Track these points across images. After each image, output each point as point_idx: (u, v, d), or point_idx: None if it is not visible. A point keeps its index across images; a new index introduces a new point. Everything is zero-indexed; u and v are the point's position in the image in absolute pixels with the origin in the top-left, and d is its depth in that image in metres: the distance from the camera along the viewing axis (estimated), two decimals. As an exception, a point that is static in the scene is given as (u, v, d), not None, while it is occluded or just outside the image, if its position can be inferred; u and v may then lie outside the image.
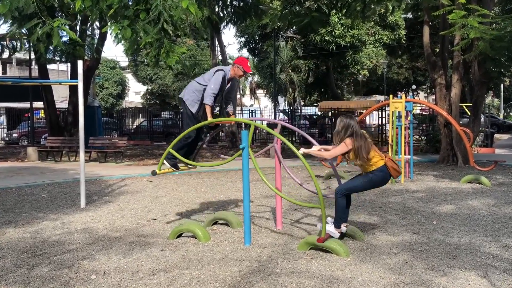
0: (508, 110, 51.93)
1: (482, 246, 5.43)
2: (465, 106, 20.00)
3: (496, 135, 26.68)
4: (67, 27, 10.44)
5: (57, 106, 21.09)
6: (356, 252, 5.22)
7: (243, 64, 6.50)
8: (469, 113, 16.58)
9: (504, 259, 4.95)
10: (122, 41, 10.30)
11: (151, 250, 5.48)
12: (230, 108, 6.88)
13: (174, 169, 6.49)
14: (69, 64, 24.25)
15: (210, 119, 6.16)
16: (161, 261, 5.04)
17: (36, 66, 19.91)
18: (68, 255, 5.34)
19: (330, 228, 5.40)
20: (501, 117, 44.60)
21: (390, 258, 5.02)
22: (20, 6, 9.66)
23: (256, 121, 7.11)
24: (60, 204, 8.69)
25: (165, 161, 6.35)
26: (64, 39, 13.73)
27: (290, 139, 25.82)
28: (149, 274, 4.62)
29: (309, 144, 5.95)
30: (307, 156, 5.43)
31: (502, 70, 14.75)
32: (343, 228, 5.49)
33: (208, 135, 6.41)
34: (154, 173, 6.23)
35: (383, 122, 22.97)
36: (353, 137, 5.30)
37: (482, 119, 19.97)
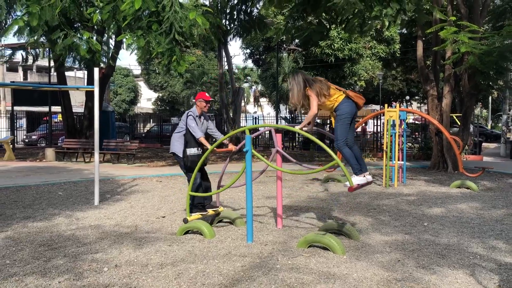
0: (496, 121, 51.79)
1: (470, 246, 5.42)
2: (455, 116, 19.97)
3: (484, 144, 26.62)
4: (94, 39, 10.51)
5: (73, 111, 21.17)
6: (351, 251, 5.21)
7: (202, 96, 6.57)
8: (459, 123, 16.56)
9: (490, 259, 4.93)
10: (136, 51, 10.35)
11: (160, 245, 5.48)
12: (218, 135, 6.69)
13: (202, 213, 6.42)
14: (85, 72, 24.34)
15: (209, 146, 6.14)
16: (169, 255, 5.05)
17: (55, 73, 19.98)
18: (82, 248, 5.35)
19: (355, 178, 5.26)
20: (489, 127, 44.53)
21: (383, 256, 5.01)
22: (48, 19, 9.73)
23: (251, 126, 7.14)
24: (75, 201, 8.71)
25: (192, 214, 6.26)
26: (81, 44, 13.81)
27: (291, 145, 25.81)
28: (158, 268, 4.63)
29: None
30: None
31: (490, 83, 14.71)
32: (368, 176, 5.38)
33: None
34: (185, 221, 6.02)
35: (379, 130, 22.95)
36: (312, 84, 5.34)
37: (471, 128, 19.91)
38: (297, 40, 30.11)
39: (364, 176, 5.37)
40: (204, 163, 6.33)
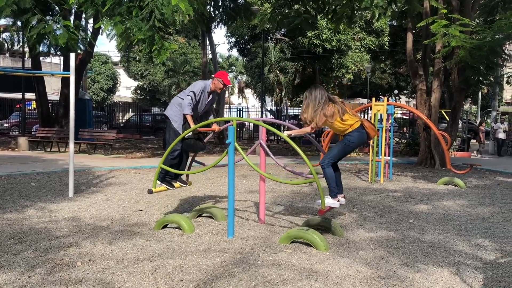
0: (485, 117, 52.52)
1: (456, 244, 5.49)
2: (444, 111, 20.20)
3: (472, 141, 26.97)
4: (71, 23, 10.33)
5: (48, 98, 20.88)
6: (335, 247, 5.24)
7: (223, 78, 6.46)
8: (448, 119, 16.75)
9: (476, 257, 5.01)
10: (115, 37, 10.23)
11: (136, 239, 5.45)
12: (210, 117, 6.77)
13: (169, 187, 6.42)
14: (62, 57, 24.00)
15: (192, 126, 6.10)
16: (145, 250, 5.02)
17: (29, 58, 19.68)
18: (54, 242, 5.29)
19: (328, 200, 5.37)
20: (478, 123, 44.97)
21: (367, 253, 5.05)
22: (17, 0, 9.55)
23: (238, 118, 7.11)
24: (48, 193, 8.60)
25: (158, 182, 6.26)
26: (58, 32, 13.59)
27: (276, 138, 25.82)
28: (134, 263, 4.60)
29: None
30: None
31: (480, 78, 14.91)
32: (342, 199, 5.49)
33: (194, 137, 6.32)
34: (150, 191, 6.08)
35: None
36: (327, 103, 5.31)
37: (460, 124, 20.17)
38: (284, 30, 30.09)
39: (338, 199, 5.48)
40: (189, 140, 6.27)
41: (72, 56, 8.32)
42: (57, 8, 15.05)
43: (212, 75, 8.15)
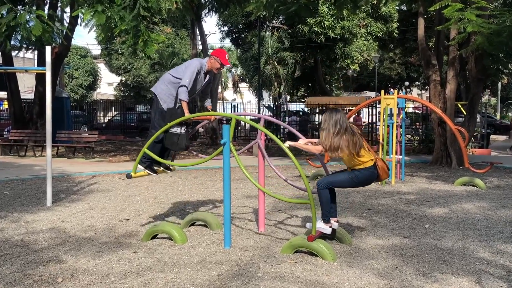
0: (506, 110, 52.67)
1: (476, 251, 5.52)
2: (461, 104, 20.25)
3: (492, 136, 27.05)
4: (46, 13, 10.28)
5: (22, 97, 20.82)
6: (343, 256, 5.26)
7: (221, 56, 6.38)
8: (465, 112, 16.79)
9: (499, 265, 5.03)
10: (95, 28, 10.21)
11: (123, 252, 5.45)
12: (208, 103, 6.83)
13: (151, 173, 6.41)
14: (36, 52, 23.96)
15: (187, 115, 6.10)
16: (133, 263, 5.02)
17: (0, 52, 19.65)
18: (33, 256, 5.29)
19: (320, 224, 5.42)
20: (498, 117, 45.11)
21: (379, 262, 5.06)
22: None
23: (239, 115, 7.11)
24: (24, 202, 8.59)
25: (139, 165, 6.27)
26: (31, 24, 13.57)
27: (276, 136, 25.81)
28: (121, 278, 4.60)
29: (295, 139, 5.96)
30: (293, 151, 5.44)
31: (500, 67, 14.94)
32: (334, 223, 5.53)
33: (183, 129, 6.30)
34: (129, 176, 6.13)
35: (374, 120, 23.16)
36: (343, 133, 5.31)
37: (478, 118, 20.24)
38: (281, 17, 30.10)
39: (331, 225, 5.50)
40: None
41: (48, 49, 8.31)
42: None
43: (209, 53, 8.12)
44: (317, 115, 28.37)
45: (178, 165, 6.15)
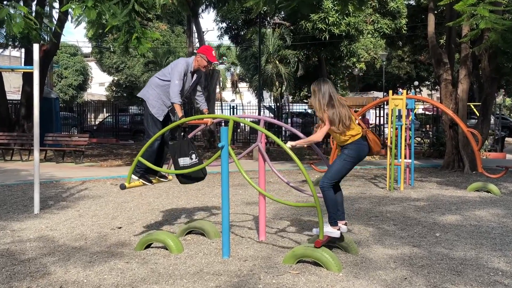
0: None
1: (490, 261, 5.51)
2: (473, 105, 20.28)
3: (507, 139, 27.06)
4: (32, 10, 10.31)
5: (8, 98, 20.85)
6: (349, 267, 5.25)
7: (207, 53, 6.40)
8: (478, 114, 16.81)
9: (514, 275, 5.03)
10: (84, 24, 10.22)
11: (115, 262, 5.45)
12: (204, 106, 6.84)
13: (146, 183, 6.41)
14: (23, 50, 24.00)
15: (182, 118, 6.12)
16: (126, 274, 5.02)
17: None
18: (19, 267, 5.28)
19: (327, 228, 5.42)
20: (513, 118, 45.09)
21: (387, 273, 5.06)
22: None
23: (237, 117, 7.11)
24: (10, 209, 8.59)
25: (133, 175, 6.28)
26: (18, 20, 13.60)
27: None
28: (113, 290, 4.60)
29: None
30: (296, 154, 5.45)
31: (515, 66, 14.95)
32: (343, 226, 5.52)
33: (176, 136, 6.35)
34: (123, 187, 6.12)
35: (381, 121, 23.16)
36: (332, 103, 5.35)
37: (492, 120, 20.24)
38: (283, 13, 30.11)
39: (339, 228, 5.51)
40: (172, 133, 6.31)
41: (36, 47, 8.32)
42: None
43: (195, 51, 8.13)
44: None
45: (173, 172, 6.15)
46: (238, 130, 29.38)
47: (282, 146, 5.41)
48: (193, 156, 6.09)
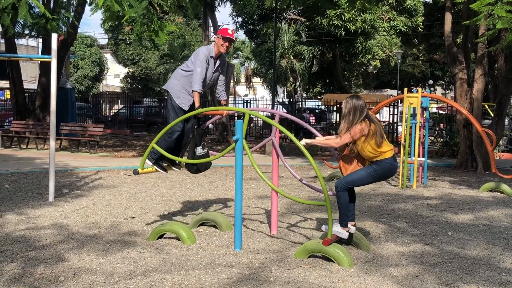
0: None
1: (503, 261, 5.48)
2: (488, 106, 20.10)
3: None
4: None
5: (25, 87, 20.98)
6: (360, 263, 5.24)
7: (222, 32, 6.41)
8: (492, 114, 16.67)
9: (527, 276, 4.99)
10: (101, 12, 10.21)
11: (128, 251, 5.48)
12: (223, 96, 6.85)
13: (159, 169, 6.43)
14: (40, 40, 24.14)
15: (199, 108, 6.13)
16: (139, 264, 5.05)
17: (3, 40, 19.84)
18: (34, 253, 5.33)
19: (337, 228, 5.42)
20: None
21: (399, 270, 5.04)
22: None
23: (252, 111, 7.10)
24: (25, 196, 8.66)
25: (147, 160, 6.30)
26: (36, 10, 13.65)
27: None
28: (125, 278, 4.62)
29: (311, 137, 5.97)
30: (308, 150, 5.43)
31: (531, 66, 14.79)
32: (352, 228, 5.52)
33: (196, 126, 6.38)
34: (136, 172, 6.15)
35: (395, 119, 23.06)
36: (365, 120, 5.29)
37: (506, 121, 20.05)
38: (299, 8, 30.02)
39: (348, 229, 5.50)
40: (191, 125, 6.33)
41: (54, 36, 8.36)
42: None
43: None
44: (334, 113, 28.29)
45: (185, 161, 6.17)
46: (251, 125, 29.36)
47: (296, 142, 5.38)
48: (205, 147, 6.24)
